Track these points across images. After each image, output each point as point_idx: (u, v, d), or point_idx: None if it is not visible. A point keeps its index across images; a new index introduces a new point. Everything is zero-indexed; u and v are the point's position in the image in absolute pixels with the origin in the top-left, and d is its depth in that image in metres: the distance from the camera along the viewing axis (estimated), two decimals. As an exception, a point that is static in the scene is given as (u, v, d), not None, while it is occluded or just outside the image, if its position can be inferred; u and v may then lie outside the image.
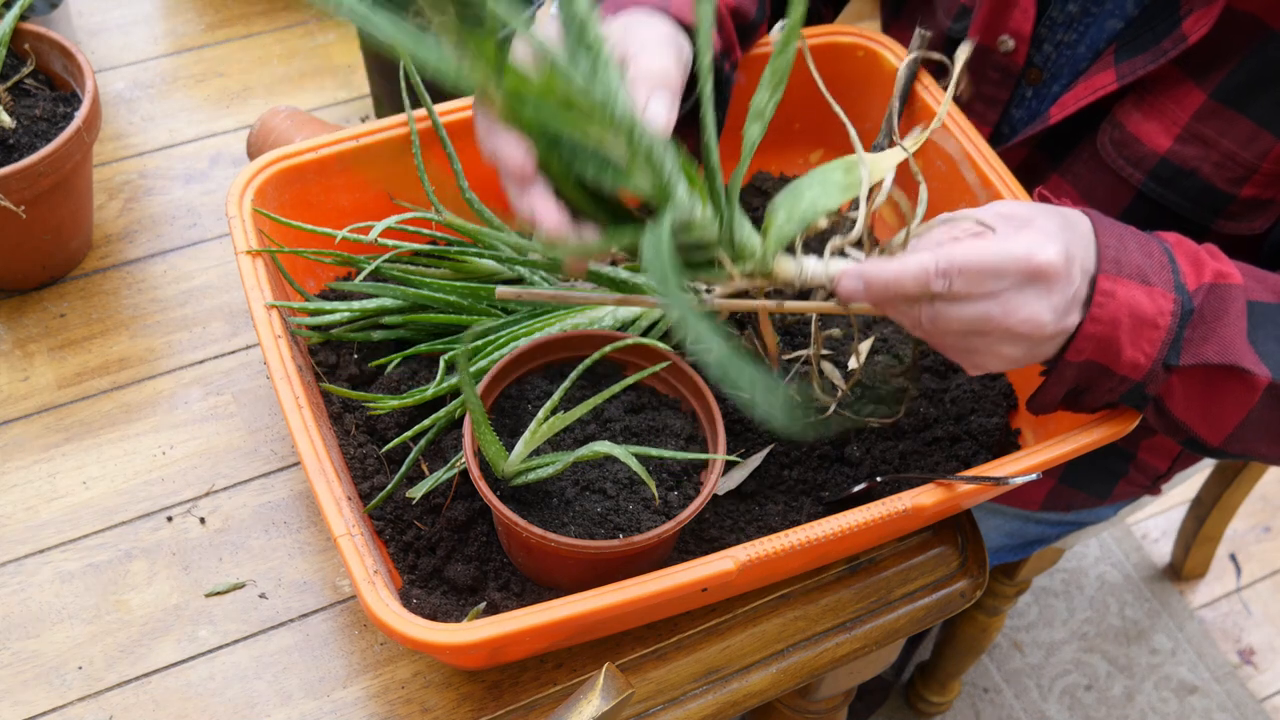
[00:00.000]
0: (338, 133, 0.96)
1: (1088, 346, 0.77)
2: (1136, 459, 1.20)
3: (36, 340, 1.02)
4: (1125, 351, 0.77)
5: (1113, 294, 0.76)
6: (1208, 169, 0.92)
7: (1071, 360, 0.78)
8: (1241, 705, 1.89)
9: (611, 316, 0.94)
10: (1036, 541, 1.35)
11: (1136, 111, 0.94)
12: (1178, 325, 0.77)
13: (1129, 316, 0.76)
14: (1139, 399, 0.81)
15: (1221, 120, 0.90)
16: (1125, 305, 0.76)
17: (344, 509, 0.77)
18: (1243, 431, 0.82)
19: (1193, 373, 0.78)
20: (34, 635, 0.86)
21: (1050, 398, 0.82)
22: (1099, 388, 0.80)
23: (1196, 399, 0.80)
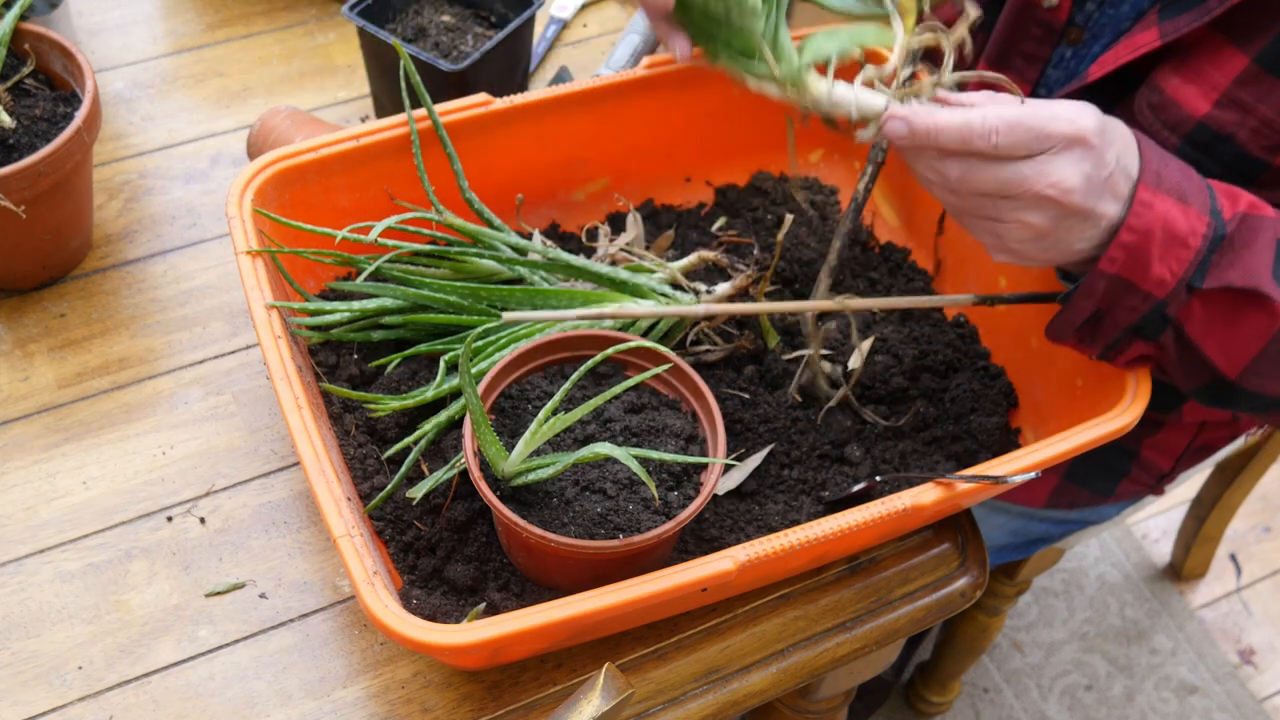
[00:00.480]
0: (338, 133, 0.96)
1: (1120, 255, 0.77)
2: (1140, 457, 1.20)
3: (36, 340, 1.02)
4: (1153, 267, 0.78)
5: (1150, 205, 0.77)
6: (1244, 135, 0.92)
7: (1104, 270, 0.78)
8: (1241, 705, 1.89)
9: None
10: (1040, 540, 1.35)
11: (1175, 76, 0.93)
12: (1208, 248, 0.78)
13: (1162, 230, 0.77)
14: (1158, 322, 0.80)
15: (1261, 86, 0.90)
16: (1160, 218, 0.77)
17: (344, 509, 0.77)
18: (1260, 364, 0.81)
19: (1215, 297, 0.79)
20: (34, 635, 0.86)
21: (1075, 314, 0.81)
22: (1121, 307, 0.80)
23: (1216, 324, 0.80)
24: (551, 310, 0.94)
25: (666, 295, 0.96)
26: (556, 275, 0.97)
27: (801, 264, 1.06)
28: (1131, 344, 0.83)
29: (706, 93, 1.07)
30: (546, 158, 1.05)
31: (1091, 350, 0.85)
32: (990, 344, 1.03)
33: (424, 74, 1.06)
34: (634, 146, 1.08)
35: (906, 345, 1.01)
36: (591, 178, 1.09)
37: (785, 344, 1.01)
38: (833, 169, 1.16)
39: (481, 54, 1.07)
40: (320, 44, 1.29)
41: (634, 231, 1.04)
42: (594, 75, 1.06)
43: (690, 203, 1.12)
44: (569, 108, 1.02)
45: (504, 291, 0.94)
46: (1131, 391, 0.87)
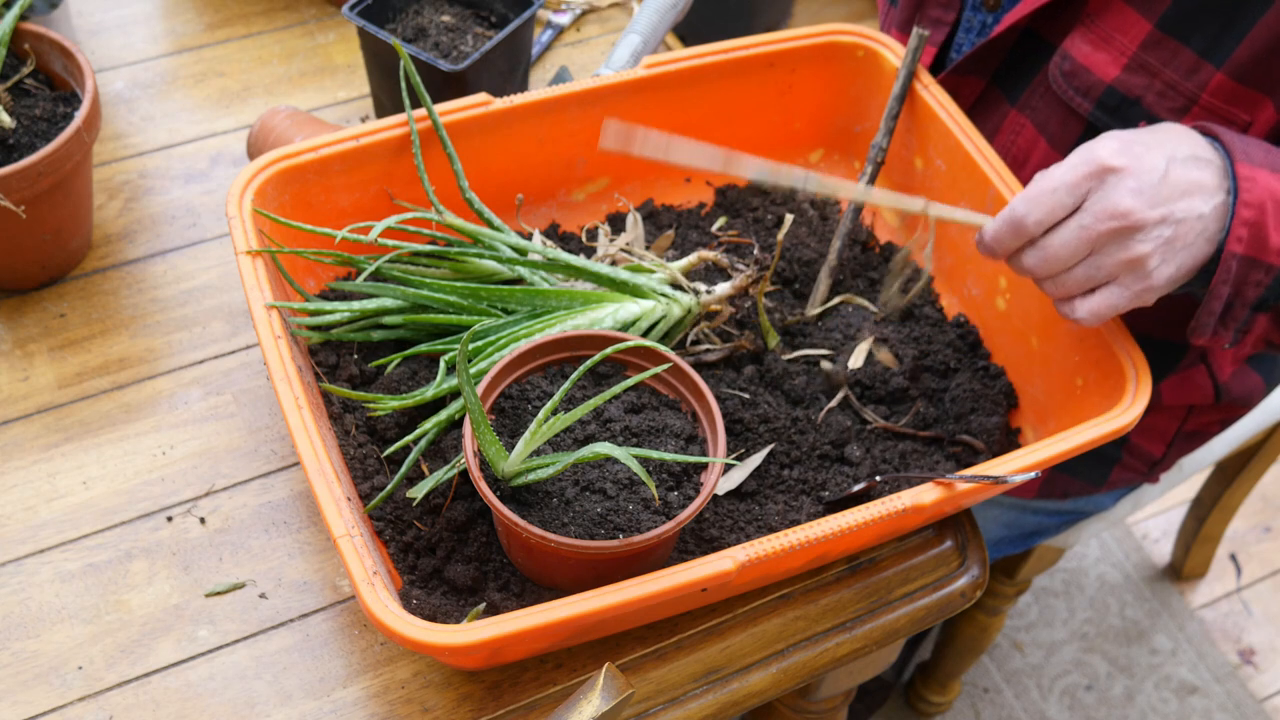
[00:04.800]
0: (338, 133, 0.96)
1: (1245, 233, 0.79)
2: (1130, 443, 1.20)
3: (36, 340, 1.02)
4: (1271, 237, 0.79)
5: (1254, 179, 0.79)
6: (1151, 98, 0.94)
7: (1234, 251, 0.79)
8: (1241, 705, 1.89)
9: (612, 318, 0.94)
10: (1036, 533, 1.35)
11: (1085, 43, 0.96)
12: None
13: (1272, 200, 0.79)
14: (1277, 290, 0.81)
15: (1166, 50, 0.92)
16: (1266, 189, 0.79)
17: (344, 509, 0.77)
18: None
19: None
20: (34, 635, 0.86)
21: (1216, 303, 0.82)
22: (1248, 284, 0.81)
23: None
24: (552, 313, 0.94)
25: (667, 295, 0.96)
26: (556, 275, 0.97)
27: (801, 264, 1.06)
28: (1256, 320, 0.84)
29: (706, 93, 1.07)
30: (546, 158, 1.05)
31: (1223, 339, 0.85)
32: (991, 344, 1.03)
33: (424, 74, 1.06)
34: (634, 146, 1.08)
35: (906, 345, 1.01)
36: (591, 178, 1.09)
37: (785, 344, 1.01)
38: (833, 169, 1.16)
39: (481, 54, 1.07)
40: (320, 44, 1.29)
41: (634, 231, 1.04)
42: (594, 75, 1.06)
43: (690, 203, 1.12)
44: (569, 108, 1.02)
45: (504, 291, 0.95)
46: (1131, 391, 0.87)
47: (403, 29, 1.14)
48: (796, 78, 1.10)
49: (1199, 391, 1.16)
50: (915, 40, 1.03)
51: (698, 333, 0.98)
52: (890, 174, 1.12)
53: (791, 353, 1.00)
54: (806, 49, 1.07)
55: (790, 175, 0.88)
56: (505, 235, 0.98)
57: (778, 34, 1.07)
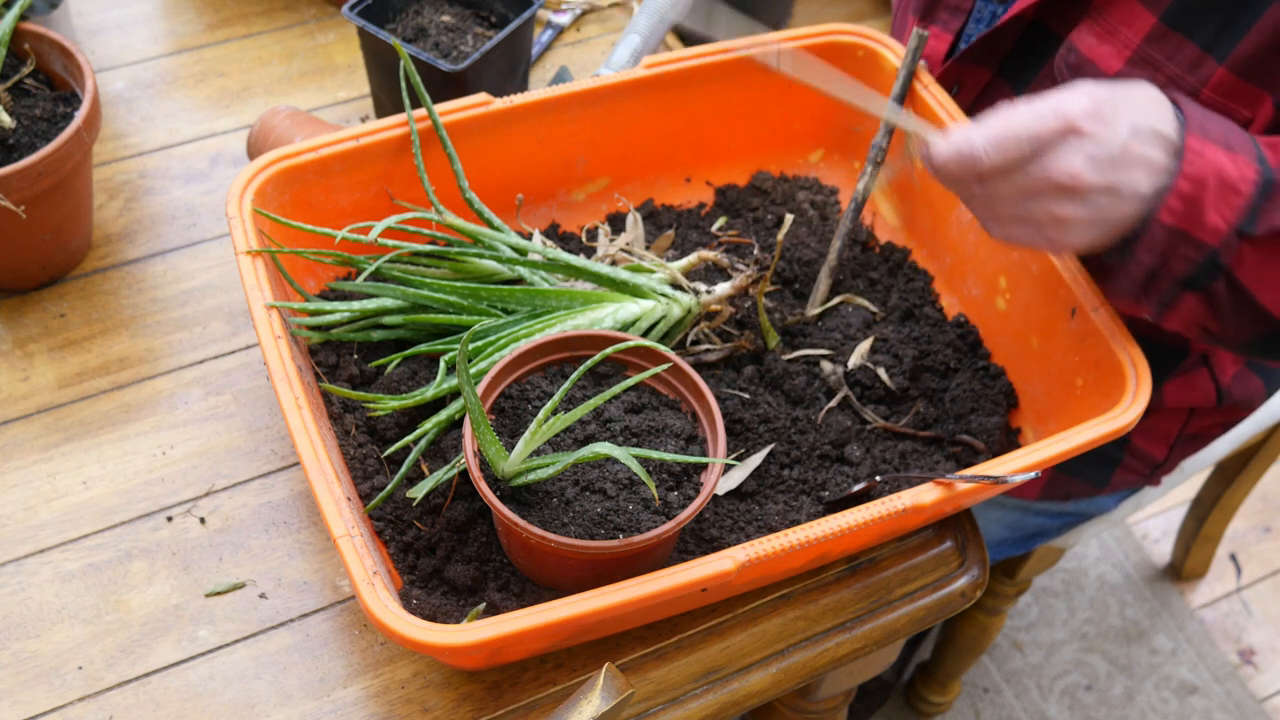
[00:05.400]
0: (338, 133, 0.96)
1: (1179, 205, 0.78)
2: (1132, 445, 1.20)
3: (36, 340, 1.02)
4: (1208, 215, 0.79)
5: (1202, 154, 0.78)
6: None
7: (1163, 221, 0.79)
8: (1241, 705, 1.89)
9: (612, 318, 0.94)
10: (1038, 534, 1.35)
11: (1091, 36, 0.97)
12: (1258, 194, 0.79)
13: (1215, 178, 0.78)
14: (1210, 271, 0.81)
15: (1169, 44, 0.93)
16: (1213, 166, 0.78)
17: (344, 509, 0.77)
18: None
19: (1265, 241, 0.80)
20: (34, 635, 0.86)
21: (1136, 269, 0.82)
22: (1176, 258, 0.81)
23: (1267, 269, 0.81)
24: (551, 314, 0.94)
25: (667, 295, 0.96)
26: (556, 275, 0.97)
27: (801, 264, 1.06)
28: (1183, 298, 0.83)
29: (706, 93, 1.07)
30: (546, 158, 1.05)
31: (1149, 308, 0.86)
32: (991, 344, 1.03)
33: (424, 74, 1.06)
34: (634, 146, 1.08)
35: (906, 345, 1.01)
36: (591, 178, 1.09)
37: (785, 344, 1.01)
38: (833, 169, 1.16)
39: (481, 54, 1.07)
40: (320, 44, 1.29)
41: (634, 231, 1.04)
42: (594, 75, 1.06)
43: (690, 203, 1.12)
44: (569, 108, 1.02)
45: (504, 291, 0.95)
46: (1131, 391, 0.87)
47: (403, 29, 1.14)
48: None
49: (1201, 394, 1.16)
50: (915, 40, 1.03)
51: (698, 333, 0.98)
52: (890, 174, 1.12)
53: (791, 353, 1.00)
54: (806, 49, 1.07)
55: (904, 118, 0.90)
56: (505, 235, 0.98)
57: (778, 34, 1.07)
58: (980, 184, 0.80)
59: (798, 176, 1.15)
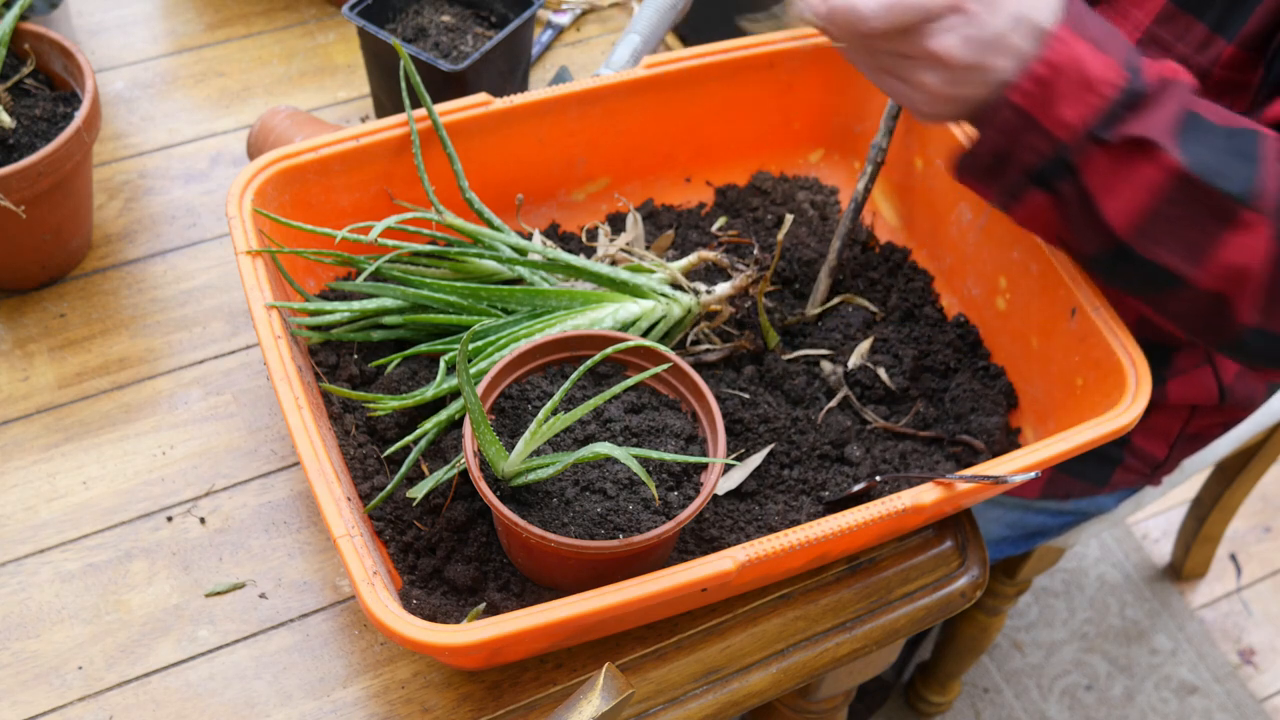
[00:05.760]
0: (338, 133, 0.96)
1: (1030, 87, 0.79)
2: (1132, 445, 1.20)
3: (36, 340, 1.02)
4: (1060, 106, 0.79)
5: (1066, 42, 0.79)
6: None
7: (1012, 100, 0.79)
8: (1241, 705, 1.89)
9: (612, 318, 0.94)
10: (1038, 534, 1.35)
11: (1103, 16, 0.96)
12: (1121, 100, 0.79)
13: (1074, 69, 0.78)
14: (1059, 169, 0.81)
15: (1179, 25, 0.93)
16: (1073, 59, 0.78)
17: (344, 509, 0.77)
18: (1152, 223, 0.81)
19: (1116, 149, 0.79)
20: (34, 635, 0.86)
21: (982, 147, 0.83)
22: (1023, 146, 0.81)
23: (1113, 176, 0.81)
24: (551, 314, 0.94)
25: (667, 295, 0.96)
26: (556, 275, 0.97)
27: (801, 264, 1.06)
28: (1030, 191, 0.84)
29: (706, 93, 1.07)
30: (546, 158, 1.05)
31: (991, 194, 0.86)
32: (991, 344, 1.03)
33: (424, 74, 1.06)
34: (634, 146, 1.08)
35: (906, 345, 1.01)
36: (591, 178, 1.09)
37: (785, 344, 1.01)
38: (833, 169, 1.16)
39: (481, 54, 1.07)
40: (320, 44, 1.29)
41: (634, 231, 1.04)
42: (594, 75, 1.06)
43: (690, 203, 1.12)
44: (569, 108, 1.02)
45: (504, 291, 0.95)
46: (1132, 390, 0.87)
47: (403, 29, 1.14)
48: (796, 78, 1.10)
49: (1203, 392, 1.16)
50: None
51: (698, 333, 0.98)
52: (890, 174, 1.12)
53: (791, 353, 1.00)
54: (806, 49, 1.07)
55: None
56: (505, 235, 0.98)
57: (778, 34, 1.07)
58: (856, 43, 0.82)
59: (798, 176, 1.15)
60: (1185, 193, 0.79)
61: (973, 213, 1.03)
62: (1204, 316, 0.84)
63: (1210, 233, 0.80)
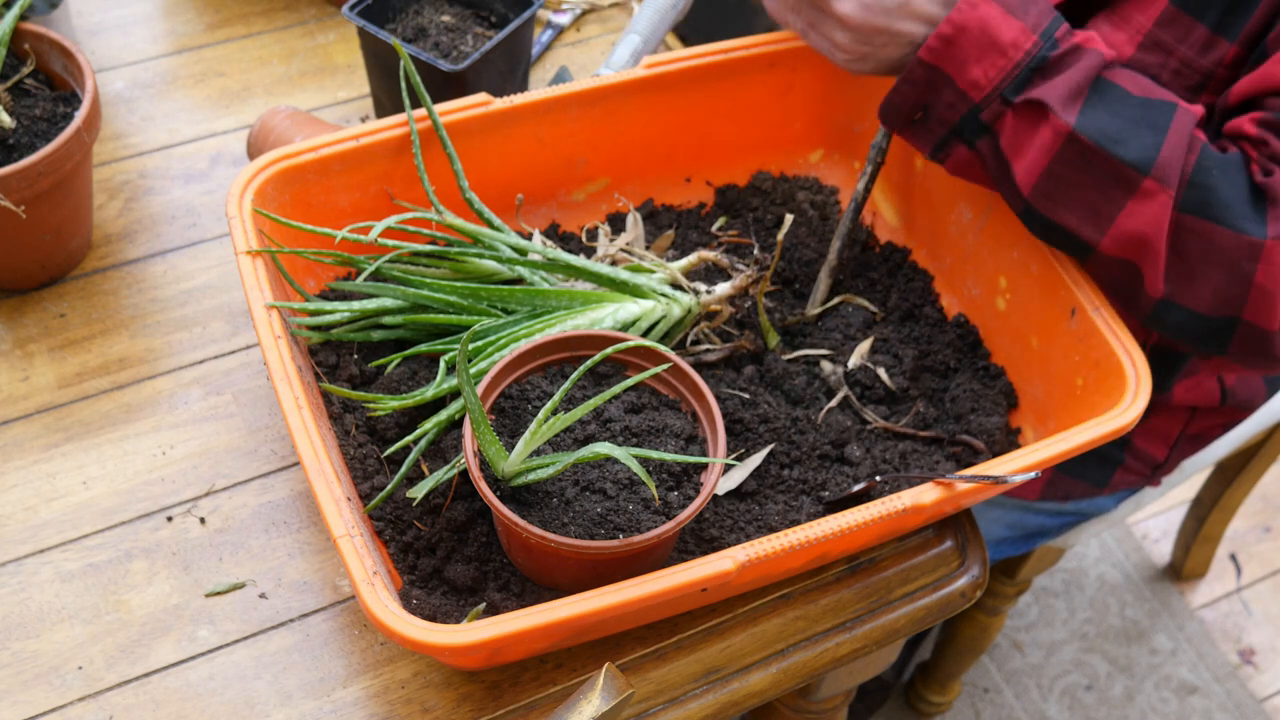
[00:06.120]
0: (338, 133, 0.96)
1: (937, 45, 0.84)
2: (1132, 446, 1.20)
3: (36, 340, 1.02)
4: (969, 67, 0.84)
5: (974, 6, 0.84)
6: (1167, 76, 0.95)
7: (922, 58, 0.85)
8: (1241, 705, 1.89)
9: (612, 318, 0.94)
10: (1038, 534, 1.35)
11: (1106, 23, 0.97)
12: (1029, 63, 0.83)
13: (980, 30, 0.83)
14: (975, 127, 0.86)
15: (1180, 27, 0.93)
16: (980, 21, 0.83)
17: (344, 509, 0.77)
18: (1050, 185, 0.85)
19: (1021, 112, 0.84)
20: (34, 635, 0.86)
21: (900, 99, 0.88)
22: (940, 103, 0.86)
23: (1019, 138, 0.85)
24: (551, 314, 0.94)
25: (667, 295, 0.96)
26: (556, 275, 0.97)
27: (801, 264, 1.06)
28: (955, 146, 0.89)
29: (706, 93, 1.07)
30: (546, 158, 1.05)
31: (922, 146, 0.91)
32: (991, 344, 1.03)
33: (424, 74, 1.06)
34: (634, 146, 1.08)
35: (906, 345, 1.01)
36: (591, 178, 1.09)
37: (785, 344, 1.01)
38: (833, 169, 1.16)
39: (481, 54, 1.07)
40: (320, 44, 1.29)
41: (634, 231, 1.04)
42: (594, 75, 1.06)
43: (690, 203, 1.12)
44: (569, 108, 1.02)
45: (504, 291, 0.95)
46: (1132, 390, 0.87)
47: (403, 29, 1.14)
48: (797, 78, 1.10)
49: (1206, 393, 1.16)
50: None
51: (698, 333, 0.98)
52: (890, 174, 1.12)
53: (791, 353, 1.00)
54: (807, 49, 1.07)
55: None
56: (505, 235, 0.98)
57: (778, 34, 1.07)
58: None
59: (798, 176, 1.15)
60: (1079, 156, 0.83)
61: (973, 213, 1.03)
62: (1120, 285, 0.88)
63: (1111, 199, 0.83)
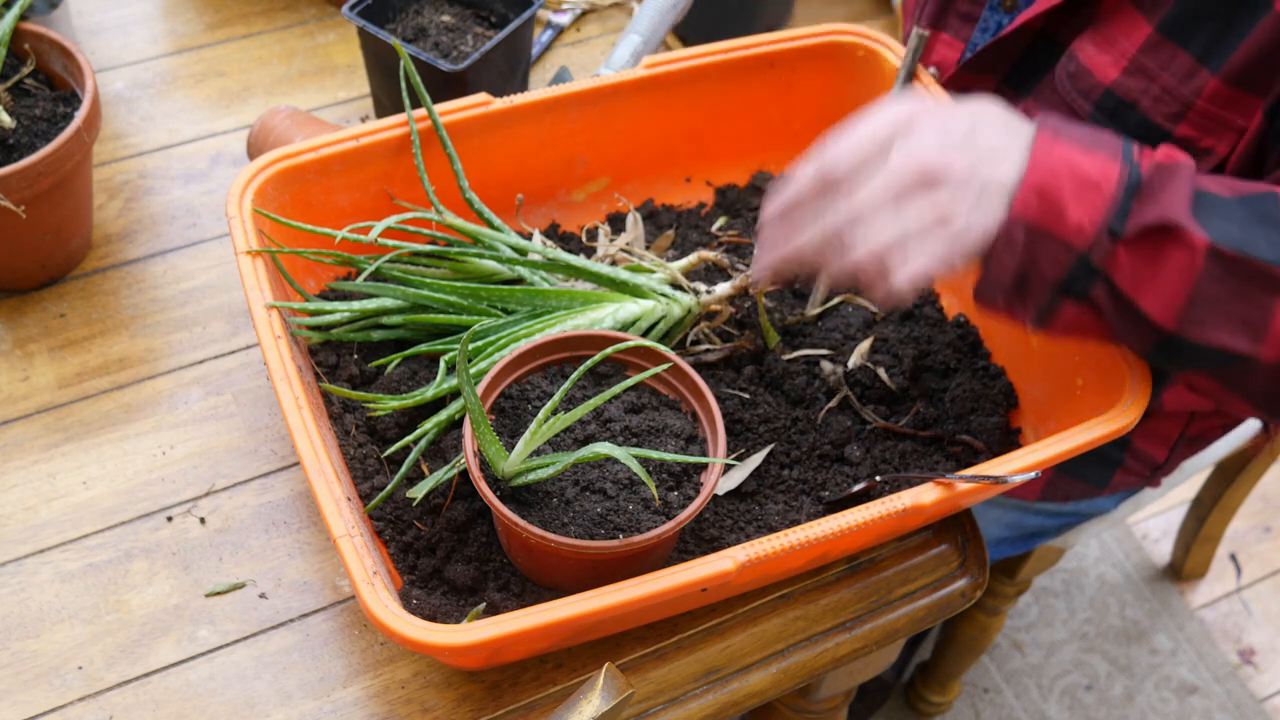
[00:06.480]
0: (338, 133, 0.96)
1: (1032, 198, 0.76)
2: (1132, 447, 1.20)
3: (36, 340, 1.02)
4: (1069, 211, 0.76)
5: (1050, 149, 0.76)
6: (1147, 102, 0.94)
7: (1019, 215, 0.76)
8: (1241, 705, 1.89)
9: (612, 318, 0.94)
10: (1037, 534, 1.35)
11: (1091, 45, 0.97)
12: (1124, 193, 0.76)
13: (1069, 171, 0.76)
14: (1086, 275, 0.78)
15: (1164, 53, 0.92)
16: (1065, 160, 0.76)
17: (344, 509, 0.77)
18: (1195, 310, 0.77)
19: (1138, 243, 0.76)
20: (34, 635, 0.86)
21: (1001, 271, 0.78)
22: (1044, 260, 0.77)
23: (1144, 272, 0.77)
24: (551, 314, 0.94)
25: (667, 295, 0.96)
26: (556, 275, 0.97)
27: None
28: (1063, 305, 0.80)
29: (706, 93, 1.07)
30: (546, 158, 1.05)
31: (1025, 316, 0.82)
32: (991, 344, 1.03)
33: (424, 74, 1.06)
34: (634, 146, 1.08)
35: (906, 345, 1.01)
36: (591, 178, 1.09)
37: (785, 344, 1.01)
38: (833, 169, 1.16)
39: (481, 54, 1.07)
40: (320, 44, 1.29)
41: (634, 231, 1.04)
42: (594, 75, 1.06)
43: (690, 203, 1.12)
44: (569, 108, 1.02)
45: (504, 291, 0.95)
46: (1131, 391, 0.87)
47: (403, 29, 1.14)
48: (796, 78, 1.10)
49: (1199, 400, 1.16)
50: (915, 40, 1.03)
51: (698, 333, 0.98)
52: (890, 174, 1.12)
53: (791, 353, 1.00)
54: (806, 49, 1.08)
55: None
56: (505, 235, 0.98)
57: (778, 34, 1.07)
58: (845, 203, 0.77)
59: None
60: (1222, 269, 0.76)
61: (973, 213, 1.03)
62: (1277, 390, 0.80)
63: (1262, 305, 0.76)
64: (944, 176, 0.75)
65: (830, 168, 0.78)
